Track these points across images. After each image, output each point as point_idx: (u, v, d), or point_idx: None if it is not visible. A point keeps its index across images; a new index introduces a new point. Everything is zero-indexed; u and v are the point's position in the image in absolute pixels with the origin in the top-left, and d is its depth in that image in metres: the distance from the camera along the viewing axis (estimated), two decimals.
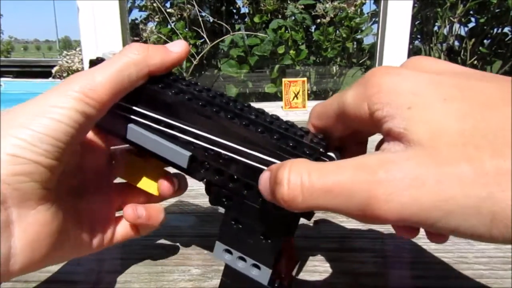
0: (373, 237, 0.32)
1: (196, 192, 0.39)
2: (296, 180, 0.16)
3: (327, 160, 0.20)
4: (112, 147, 0.27)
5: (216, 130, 0.21)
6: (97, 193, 0.25)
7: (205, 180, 0.23)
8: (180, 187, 0.26)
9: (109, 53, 0.24)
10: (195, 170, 0.22)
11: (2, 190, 0.18)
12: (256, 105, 0.23)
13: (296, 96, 0.88)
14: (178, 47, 0.23)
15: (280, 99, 1.02)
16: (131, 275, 0.28)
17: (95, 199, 0.25)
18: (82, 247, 0.24)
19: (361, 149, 0.23)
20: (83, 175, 0.25)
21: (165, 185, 0.25)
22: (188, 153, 0.22)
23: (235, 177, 0.21)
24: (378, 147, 0.19)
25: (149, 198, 0.27)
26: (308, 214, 0.21)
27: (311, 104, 0.94)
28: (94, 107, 0.20)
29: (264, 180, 0.18)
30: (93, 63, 0.23)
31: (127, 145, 0.25)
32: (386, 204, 0.14)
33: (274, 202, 0.17)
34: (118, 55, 0.22)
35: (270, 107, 0.94)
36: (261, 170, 0.19)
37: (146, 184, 0.26)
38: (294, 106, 0.89)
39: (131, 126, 0.23)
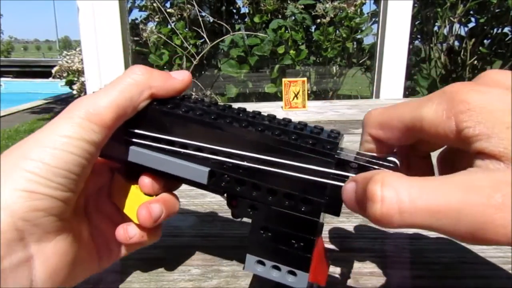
0: (373, 237, 0.32)
1: (196, 192, 0.39)
2: (392, 197, 0.15)
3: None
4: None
5: (232, 141, 0.21)
6: (100, 212, 0.25)
7: (225, 194, 0.23)
8: (161, 217, 0.24)
9: None
10: (216, 184, 0.22)
11: (20, 227, 0.18)
12: (256, 105, 0.23)
13: (296, 96, 0.88)
14: (181, 75, 0.23)
15: (280, 99, 1.02)
16: (131, 275, 0.28)
17: (100, 218, 0.25)
18: (93, 268, 0.24)
19: (427, 164, 0.23)
20: (86, 195, 0.25)
21: (142, 213, 0.23)
22: (207, 169, 0.22)
23: (258, 185, 0.21)
24: (450, 161, 0.20)
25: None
26: (337, 211, 0.21)
27: (311, 104, 0.94)
28: (100, 132, 0.20)
29: (349, 192, 0.17)
30: None
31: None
32: (504, 229, 0.13)
33: (361, 215, 0.16)
34: (121, 77, 0.22)
35: (270, 107, 0.94)
36: (284, 175, 0.20)
37: (130, 210, 0.24)
38: (294, 106, 0.89)
39: (137, 149, 0.23)
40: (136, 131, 0.23)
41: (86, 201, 0.25)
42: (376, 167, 0.20)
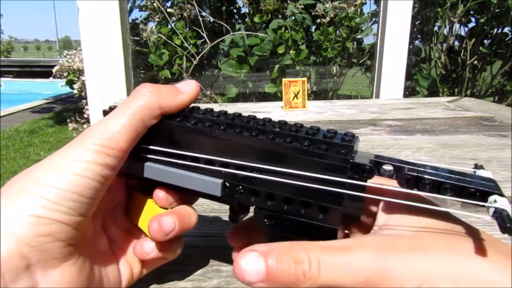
0: None
1: None
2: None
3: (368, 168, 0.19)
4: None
5: (243, 151, 0.21)
6: (118, 228, 0.25)
7: (234, 204, 0.23)
8: (174, 230, 0.23)
9: (120, 100, 0.24)
10: (229, 195, 0.22)
11: (26, 254, 0.17)
12: (256, 105, 0.23)
13: (296, 96, 0.88)
14: (188, 88, 0.23)
15: (280, 99, 1.02)
16: None
17: (119, 234, 0.25)
18: (116, 284, 0.23)
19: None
20: (104, 213, 0.24)
21: (153, 226, 0.22)
22: (220, 180, 0.22)
23: (273, 194, 0.21)
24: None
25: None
26: (357, 217, 0.20)
27: (311, 104, 0.94)
28: (115, 157, 0.20)
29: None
30: (106, 112, 0.23)
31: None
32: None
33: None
34: (130, 99, 0.22)
35: (270, 107, 0.93)
36: (296, 185, 0.20)
37: (144, 224, 0.24)
38: (294, 106, 0.89)
39: (151, 164, 0.23)
40: (149, 147, 0.23)
41: (104, 219, 0.24)
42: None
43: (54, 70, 2.30)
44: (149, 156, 0.23)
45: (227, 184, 0.22)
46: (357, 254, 0.16)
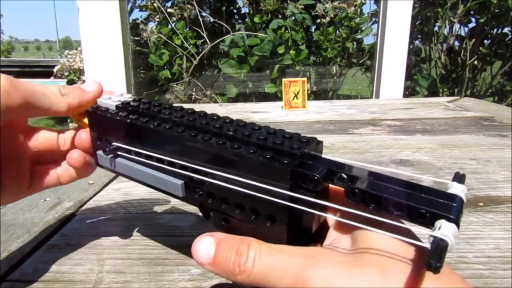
0: None
1: None
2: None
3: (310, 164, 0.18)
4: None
5: (199, 154, 0.21)
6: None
7: (195, 205, 0.23)
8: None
9: (103, 99, 0.26)
10: (190, 197, 0.23)
11: None
12: (256, 105, 0.23)
13: (296, 96, 0.88)
14: (92, 87, 0.26)
15: (280, 99, 1.02)
16: (131, 275, 0.28)
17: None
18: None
19: None
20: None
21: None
22: (180, 182, 0.22)
23: (227, 198, 0.21)
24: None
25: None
26: (307, 228, 0.20)
27: (311, 104, 0.94)
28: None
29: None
30: (88, 113, 0.26)
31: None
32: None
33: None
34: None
35: (270, 107, 0.94)
36: (237, 191, 0.19)
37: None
38: (294, 106, 0.89)
39: (121, 160, 0.25)
40: (119, 145, 0.25)
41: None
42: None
43: (55, 70, 2.30)
44: (120, 153, 0.25)
45: (188, 185, 0.22)
46: (289, 259, 0.17)
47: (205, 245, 0.19)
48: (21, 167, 0.26)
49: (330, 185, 0.20)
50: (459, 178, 0.17)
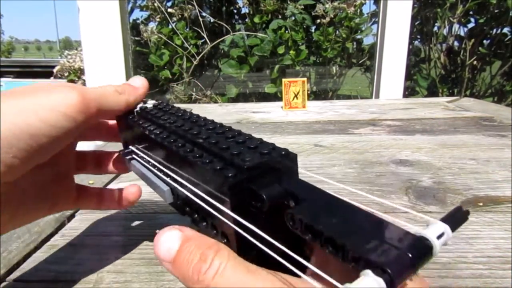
0: None
1: None
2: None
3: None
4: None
5: (176, 161, 0.21)
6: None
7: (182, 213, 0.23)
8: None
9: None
10: (176, 204, 0.22)
11: None
12: (256, 105, 0.23)
13: (296, 96, 0.88)
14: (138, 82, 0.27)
15: (280, 99, 1.02)
16: (131, 275, 0.28)
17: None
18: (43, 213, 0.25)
19: None
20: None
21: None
22: (166, 187, 0.22)
23: (197, 210, 0.20)
24: None
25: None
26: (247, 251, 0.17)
27: (311, 104, 0.94)
28: (85, 115, 0.21)
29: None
30: (119, 117, 0.27)
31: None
32: None
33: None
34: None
35: (270, 107, 0.94)
36: (198, 203, 0.18)
37: None
38: (294, 106, 0.89)
39: (132, 162, 0.26)
40: (133, 148, 0.26)
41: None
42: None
43: (55, 70, 2.30)
44: (134, 156, 0.26)
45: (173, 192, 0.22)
46: (254, 282, 0.14)
47: (169, 239, 0.16)
48: (70, 182, 0.27)
49: None
50: (446, 219, 0.13)
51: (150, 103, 0.27)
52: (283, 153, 0.18)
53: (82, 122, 0.21)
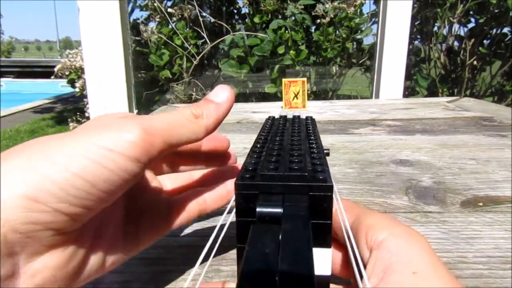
0: None
1: None
2: None
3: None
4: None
5: None
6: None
7: None
8: None
9: None
10: None
11: (10, 239, 0.15)
12: (256, 105, 0.23)
13: (296, 96, 0.88)
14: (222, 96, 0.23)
15: (280, 99, 1.02)
16: (131, 275, 0.28)
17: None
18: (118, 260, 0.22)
19: None
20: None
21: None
22: None
23: None
24: None
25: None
26: None
27: (311, 104, 0.94)
28: (150, 154, 0.18)
29: None
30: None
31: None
32: None
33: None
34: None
35: (270, 107, 0.94)
36: None
37: None
38: (294, 106, 0.89)
39: None
40: None
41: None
42: None
43: (56, 69, 2.31)
44: None
45: None
46: None
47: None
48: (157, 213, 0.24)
49: None
50: None
51: None
52: (321, 177, 0.16)
53: (147, 162, 0.18)
